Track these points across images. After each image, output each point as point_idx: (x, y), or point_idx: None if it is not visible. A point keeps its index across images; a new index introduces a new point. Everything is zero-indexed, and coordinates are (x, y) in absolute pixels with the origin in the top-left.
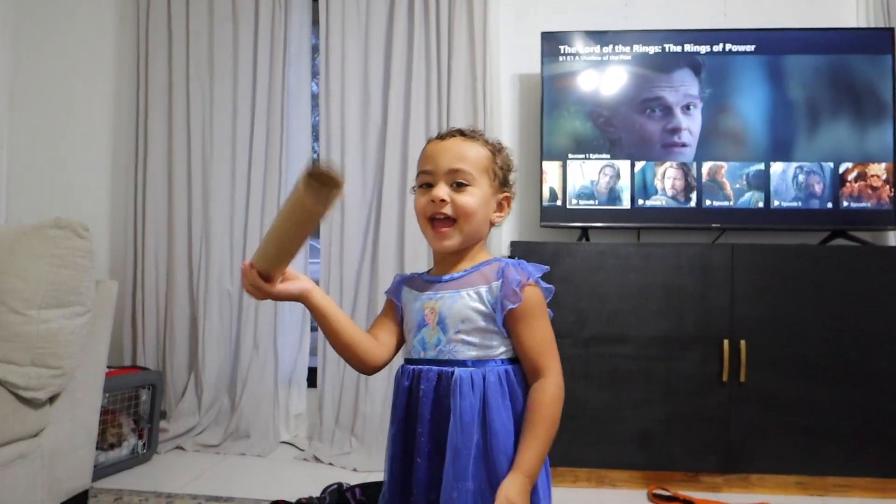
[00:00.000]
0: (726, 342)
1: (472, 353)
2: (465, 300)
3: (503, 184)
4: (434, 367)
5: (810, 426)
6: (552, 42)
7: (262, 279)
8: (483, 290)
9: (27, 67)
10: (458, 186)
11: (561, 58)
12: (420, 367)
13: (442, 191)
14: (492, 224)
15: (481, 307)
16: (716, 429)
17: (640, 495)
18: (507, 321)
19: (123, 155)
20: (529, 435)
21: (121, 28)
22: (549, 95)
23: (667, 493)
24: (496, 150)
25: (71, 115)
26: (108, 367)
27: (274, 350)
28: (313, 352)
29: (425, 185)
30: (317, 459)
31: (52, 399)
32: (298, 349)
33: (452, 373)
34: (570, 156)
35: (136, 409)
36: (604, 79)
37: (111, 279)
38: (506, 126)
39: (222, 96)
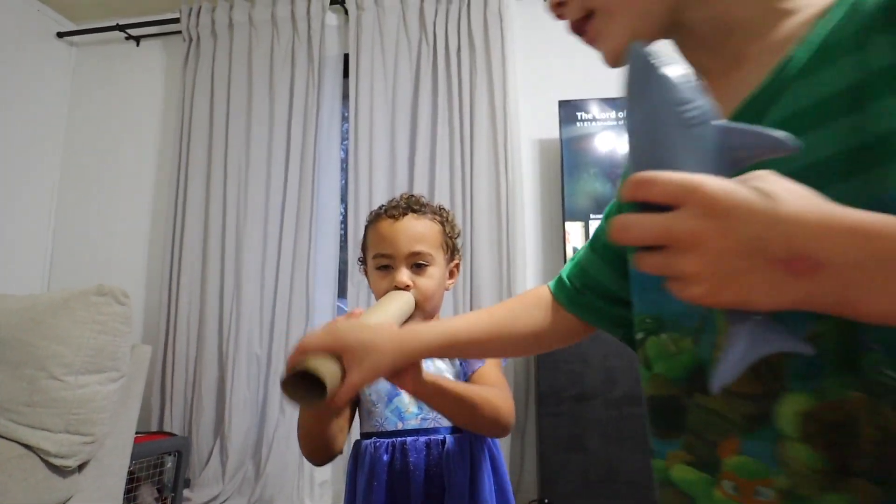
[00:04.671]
0: None
1: None
2: (438, 362)
3: (453, 252)
4: (421, 437)
5: None
6: (569, 109)
7: None
8: None
9: (77, 141)
10: (418, 268)
11: (578, 123)
12: (403, 438)
13: (405, 276)
14: (444, 289)
15: (452, 368)
16: None
17: None
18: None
19: (162, 222)
20: (463, 386)
21: (166, 101)
22: (568, 159)
23: None
24: (444, 220)
25: (114, 185)
26: (136, 432)
27: None
28: None
29: (383, 268)
30: None
31: (80, 466)
32: None
33: (444, 440)
34: (592, 216)
35: (160, 476)
36: (621, 141)
37: (144, 344)
38: (528, 188)
39: (257, 166)
